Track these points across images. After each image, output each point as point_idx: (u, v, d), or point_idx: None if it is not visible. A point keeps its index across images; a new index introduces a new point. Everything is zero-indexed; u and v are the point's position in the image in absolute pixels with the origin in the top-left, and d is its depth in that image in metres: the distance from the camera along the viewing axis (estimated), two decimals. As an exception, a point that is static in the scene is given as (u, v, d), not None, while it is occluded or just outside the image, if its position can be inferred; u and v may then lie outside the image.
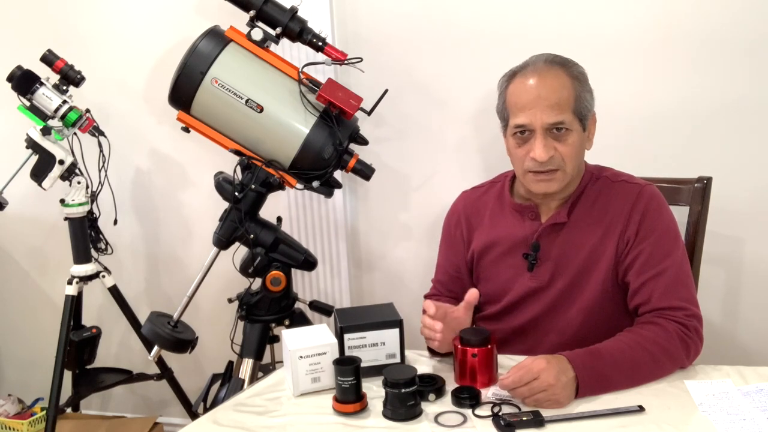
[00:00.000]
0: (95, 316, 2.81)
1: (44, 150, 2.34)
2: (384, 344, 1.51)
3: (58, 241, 2.72)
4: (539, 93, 1.52)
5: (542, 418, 1.29)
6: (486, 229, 1.73)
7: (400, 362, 1.52)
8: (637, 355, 1.42)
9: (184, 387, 2.65)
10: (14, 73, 2.29)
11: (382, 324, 1.51)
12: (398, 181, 2.40)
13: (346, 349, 1.50)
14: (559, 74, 1.55)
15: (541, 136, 1.53)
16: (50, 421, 2.42)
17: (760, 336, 2.16)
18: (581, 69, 1.60)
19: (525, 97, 1.54)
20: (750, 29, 2.01)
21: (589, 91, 1.59)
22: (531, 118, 1.53)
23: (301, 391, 1.47)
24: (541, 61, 1.58)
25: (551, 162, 1.54)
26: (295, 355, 1.46)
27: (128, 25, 2.57)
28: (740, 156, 2.08)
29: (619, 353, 1.42)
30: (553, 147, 1.54)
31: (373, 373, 1.51)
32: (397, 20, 2.30)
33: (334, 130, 1.95)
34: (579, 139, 1.56)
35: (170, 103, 2.01)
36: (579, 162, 1.60)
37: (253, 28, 2.00)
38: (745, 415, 1.28)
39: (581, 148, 1.59)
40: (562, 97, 1.53)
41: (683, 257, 1.57)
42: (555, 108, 1.52)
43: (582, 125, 1.57)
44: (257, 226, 2.05)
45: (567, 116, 1.53)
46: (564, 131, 1.53)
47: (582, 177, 1.64)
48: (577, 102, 1.54)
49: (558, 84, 1.54)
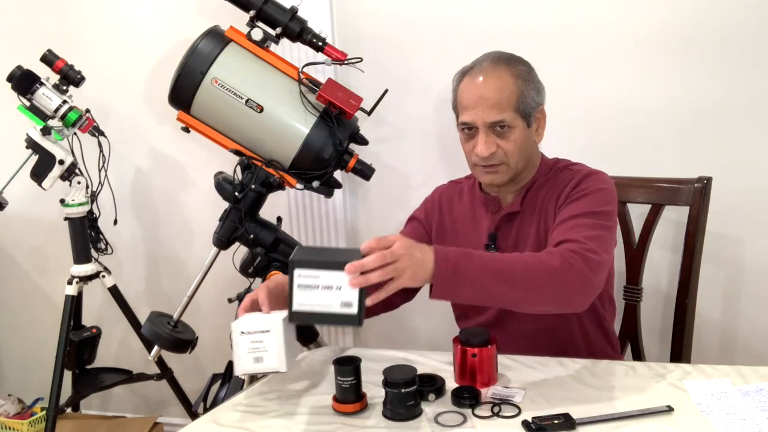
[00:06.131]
0: (95, 316, 2.81)
1: (44, 150, 2.34)
2: (340, 289, 1.29)
3: (58, 241, 2.72)
4: (481, 93, 1.60)
5: (573, 420, 1.28)
6: (455, 225, 1.77)
7: (356, 314, 1.30)
8: (511, 262, 1.40)
9: (184, 387, 2.65)
10: (14, 73, 2.29)
11: (341, 264, 1.28)
12: (398, 181, 2.40)
13: (295, 288, 1.30)
14: (502, 74, 1.61)
15: (484, 133, 1.60)
16: (50, 421, 2.42)
17: (760, 336, 2.16)
18: (526, 67, 1.66)
19: (469, 96, 1.62)
20: (750, 29, 2.01)
21: (534, 89, 1.64)
22: (474, 117, 1.60)
23: (244, 371, 1.37)
24: (488, 60, 1.65)
25: (494, 157, 1.61)
26: (237, 329, 1.37)
27: (128, 25, 2.57)
28: (740, 156, 2.08)
29: (490, 258, 1.40)
30: (496, 143, 1.60)
31: (322, 320, 1.35)
32: (397, 20, 2.30)
33: (334, 130, 1.95)
34: (522, 135, 1.62)
35: (170, 103, 2.01)
36: (525, 156, 1.65)
37: (253, 28, 2.00)
38: (744, 415, 1.28)
39: (526, 143, 1.64)
40: (504, 96, 1.59)
41: (601, 227, 1.53)
42: (496, 107, 1.59)
43: (526, 122, 1.62)
44: (257, 226, 2.04)
45: (508, 115, 1.59)
46: (506, 129, 1.60)
47: (538, 169, 1.70)
48: (520, 100, 1.60)
49: (500, 84, 1.60)
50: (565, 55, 2.17)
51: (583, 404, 1.35)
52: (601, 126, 2.19)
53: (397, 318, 1.73)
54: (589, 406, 1.34)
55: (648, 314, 2.09)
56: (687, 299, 1.85)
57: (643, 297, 1.92)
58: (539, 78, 1.67)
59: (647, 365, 1.52)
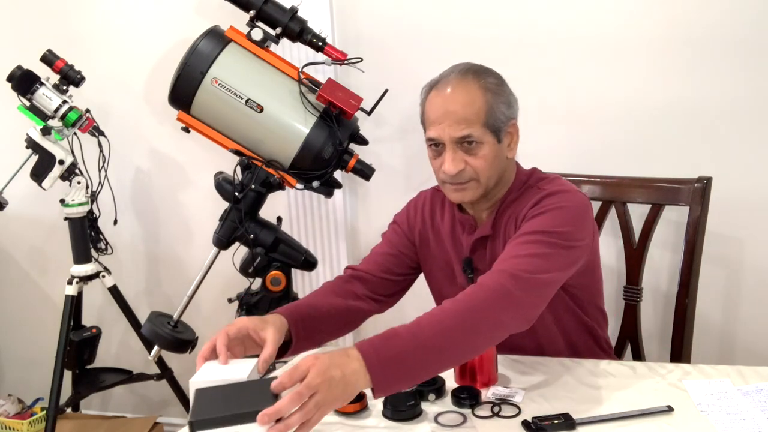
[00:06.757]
0: (95, 316, 2.81)
1: (44, 150, 2.34)
2: None
3: (58, 241, 2.72)
4: (447, 108, 1.51)
5: (573, 420, 1.28)
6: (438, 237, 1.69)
7: None
8: (442, 319, 1.27)
9: (184, 387, 2.65)
10: (14, 73, 2.29)
11: (251, 415, 1.07)
12: (398, 181, 2.40)
13: None
14: (469, 88, 1.51)
15: (451, 150, 1.51)
16: (50, 421, 2.42)
17: (760, 336, 2.16)
18: (496, 79, 1.55)
19: (435, 111, 1.53)
20: (751, 29, 2.01)
21: (504, 102, 1.54)
22: (440, 132, 1.51)
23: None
24: (455, 72, 1.55)
25: (462, 175, 1.52)
26: (193, 386, 1.20)
27: (128, 25, 2.57)
28: (740, 156, 2.08)
29: (416, 326, 1.26)
30: (464, 160, 1.51)
31: None
32: (398, 20, 2.30)
33: (334, 130, 1.95)
34: (492, 150, 1.52)
35: (170, 103, 2.01)
36: (496, 172, 1.55)
37: (253, 28, 2.00)
38: (744, 415, 1.28)
39: (496, 159, 1.53)
40: (471, 111, 1.50)
41: (550, 245, 1.43)
42: (462, 122, 1.49)
43: (496, 137, 1.52)
44: (257, 226, 2.05)
45: (476, 130, 1.49)
46: (474, 144, 1.51)
47: (511, 184, 1.61)
48: (489, 115, 1.51)
49: (467, 98, 1.50)
50: (566, 55, 2.17)
51: (583, 404, 1.35)
52: (602, 126, 2.18)
53: (397, 318, 1.73)
54: (589, 406, 1.34)
55: (648, 314, 2.09)
56: (687, 299, 1.85)
57: (643, 297, 1.92)
58: (511, 90, 1.58)
59: (647, 365, 1.52)
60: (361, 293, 1.62)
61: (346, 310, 1.58)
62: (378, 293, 1.65)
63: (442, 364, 1.29)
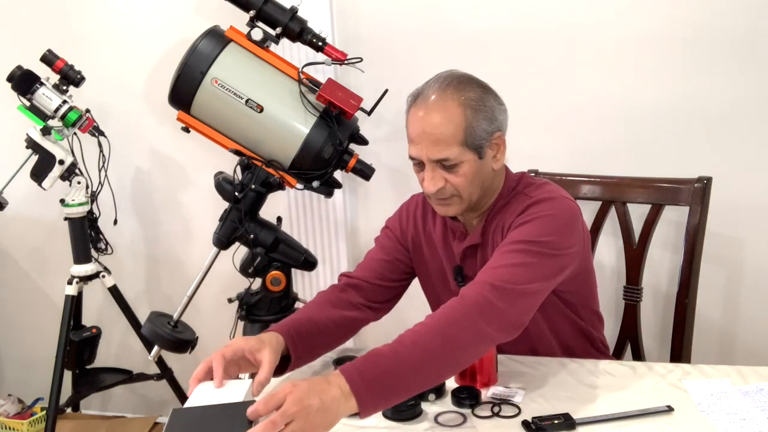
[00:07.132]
0: (95, 316, 2.81)
1: (44, 150, 2.34)
2: None
3: (58, 241, 2.72)
4: (424, 128, 1.46)
5: (573, 420, 1.28)
6: (431, 242, 1.68)
7: None
8: (426, 340, 1.27)
9: (184, 387, 2.65)
10: (14, 73, 2.29)
11: None
12: (398, 181, 2.40)
13: None
14: (447, 105, 1.46)
15: (430, 168, 1.48)
16: (50, 421, 2.42)
17: (760, 336, 2.16)
18: (477, 94, 1.48)
19: (414, 129, 1.49)
20: (751, 29, 2.01)
21: (486, 118, 1.48)
22: (418, 152, 1.48)
23: None
24: (436, 85, 1.49)
25: (443, 192, 1.50)
26: None
27: (128, 25, 2.57)
28: (740, 156, 2.08)
29: (399, 344, 1.26)
30: (444, 178, 1.48)
31: None
32: (398, 20, 2.30)
33: (334, 130, 1.95)
34: (472, 168, 1.48)
35: (170, 103, 2.01)
36: (479, 186, 1.52)
37: (253, 28, 2.00)
38: (744, 415, 1.28)
39: (477, 175, 1.50)
40: (447, 132, 1.45)
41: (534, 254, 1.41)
42: (439, 144, 1.45)
43: (477, 154, 1.48)
44: (257, 226, 2.04)
45: (453, 151, 1.45)
46: (453, 164, 1.47)
47: (500, 190, 1.58)
48: (468, 133, 1.46)
49: (443, 118, 1.45)
50: (566, 55, 2.17)
51: (583, 404, 1.36)
52: (602, 126, 2.18)
53: (397, 318, 1.73)
54: (589, 406, 1.35)
55: (648, 314, 2.09)
56: (687, 299, 1.85)
57: (643, 297, 1.92)
58: (497, 102, 1.51)
59: (647, 365, 1.52)
60: (356, 302, 1.62)
61: (343, 320, 1.58)
62: (373, 301, 1.64)
63: (428, 379, 1.29)
